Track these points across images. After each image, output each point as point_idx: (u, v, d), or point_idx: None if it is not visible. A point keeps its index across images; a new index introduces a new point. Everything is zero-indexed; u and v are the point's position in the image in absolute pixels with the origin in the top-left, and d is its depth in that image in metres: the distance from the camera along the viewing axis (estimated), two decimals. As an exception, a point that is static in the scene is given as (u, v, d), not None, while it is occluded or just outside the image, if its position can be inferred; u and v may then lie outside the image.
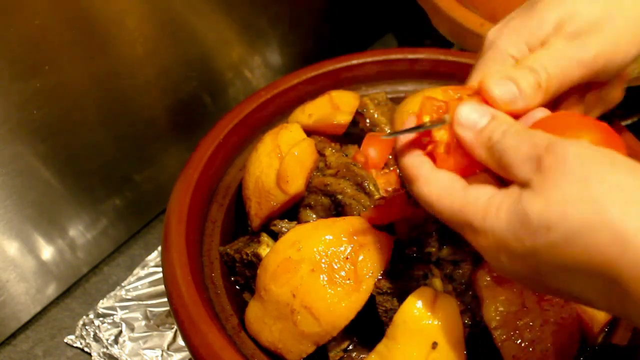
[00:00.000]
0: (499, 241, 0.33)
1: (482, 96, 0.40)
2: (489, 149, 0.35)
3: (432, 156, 0.38)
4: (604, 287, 0.30)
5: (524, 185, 0.33)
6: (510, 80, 0.40)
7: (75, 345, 0.64)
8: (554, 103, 0.45)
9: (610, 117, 0.51)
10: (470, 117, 0.37)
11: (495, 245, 0.33)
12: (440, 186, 0.36)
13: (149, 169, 0.73)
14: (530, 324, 0.43)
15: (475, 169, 0.37)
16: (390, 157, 0.57)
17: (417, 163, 0.38)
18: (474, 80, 0.43)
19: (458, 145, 0.37)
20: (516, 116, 0.39)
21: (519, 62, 0.42)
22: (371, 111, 0.61)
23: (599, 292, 0.31)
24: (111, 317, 0.65)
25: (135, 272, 0.70)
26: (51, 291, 0.68)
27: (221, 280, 0.51)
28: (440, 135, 0.38)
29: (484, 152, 0.36)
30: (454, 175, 0.37)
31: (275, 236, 0.52)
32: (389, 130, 0.61)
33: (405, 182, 0.41)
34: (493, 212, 0.33)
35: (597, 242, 0.29)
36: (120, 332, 0.64)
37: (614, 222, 0.29)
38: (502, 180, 0.35)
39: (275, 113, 0.63)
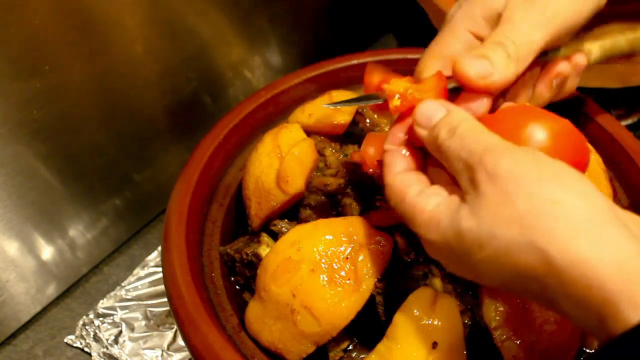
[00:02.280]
0: (441, 251, 0.35)
1: (440, 92, 0.41)
2: (437, 149, 0.36)
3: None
4: (536, 289, 0.31)
5: (463, 194, 0.34)
6: (481, 58, 0.41)
7: (75, 345, 0.64)
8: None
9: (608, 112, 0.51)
10: (425, 113, 0.38)
11: (438, 253, 0.36)
12: (400, 185, 0.38)
13: (149, 169, 0.73)
14: (530, 324, 0.43)
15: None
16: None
17: (393, 160, 0.40)
18: (430, 54, 0.45)
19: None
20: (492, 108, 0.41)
21: (485, 40, 0.43)
22: (371, 111, 0.61)
23: (532, 292, 0.31)
24: (111, 317, 0.65)
25: (135, 272, 0.70)
26: (51, 291, 0.68)
27: (221, 280, 0.51)
28: None
29: (435, 151, 0.37)
30: (418, 177, 0.38)
31: (275, 236, 0.52)
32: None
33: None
34: (434, 226, 0.35)
35: (525, 261, 0.30)
36: (120, 332, 0.64)
37: (538, 243, 0.29)
38: None
39: (275, 113, 0.63)
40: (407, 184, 0.38)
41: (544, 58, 0.46)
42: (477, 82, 0.40)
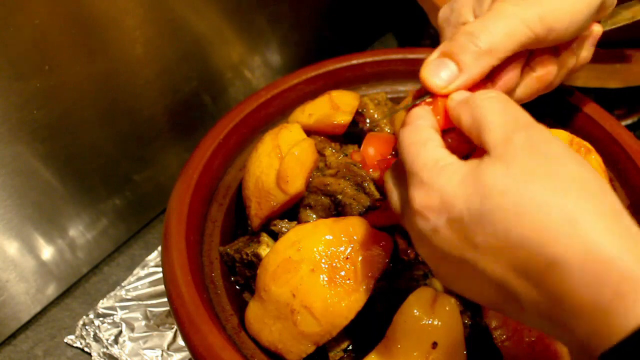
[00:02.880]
0: (445, 201, 0.32)
1: None
2: (471, 109, 0.35)
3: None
4: (534, 273, 0.29)
5: (487, 152, 0.32)
6: (446, 57, 0.40)
7: (75, 345, 0.64)
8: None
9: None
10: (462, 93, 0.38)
11: (438, 204, 0.32)
12: (417, 137, 0.36)
13: (149, 169, 0.73)
14: (530, 324, 0.43)
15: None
16: (390, 156, 0.57)
17: (420, 114, 0.38)
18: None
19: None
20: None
21: (460, 29, 0.42)
22: (371, 111, 0.61)
23: (527, 278, 0.29)
24: (111, 317, 0.65)
25: (135, 272, 0.70)
26: (51, 291, 0.68)
27: (221, 280, 0.51)
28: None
29: (465, 112, 0.35)
30: (436, 135, 0.36)
31: (275, 236, 0.52)
32: (388, 131, 0.61)
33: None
34: (449, 173, 0.32)
35: (548, 221, 0.28)
36: (120, 332, 0.64)
37: (568, 206, 0.28)
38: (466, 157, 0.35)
39: (275, 113, 0.63)
40: (427, 136, 0.36)
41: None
42: (441, 92, 0.39)
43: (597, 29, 0.48)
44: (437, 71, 0.39)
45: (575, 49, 0.48)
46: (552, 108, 0.60)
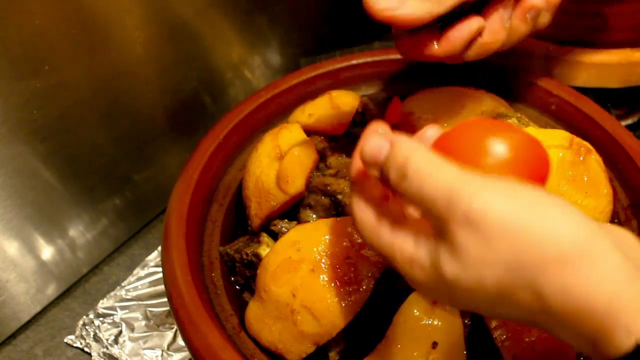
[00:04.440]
0: (427, 290, 0.33)
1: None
2: (397, 187, 0.32)
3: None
4: (531, 321, 0.30)
5: (437, 236, 0.31)
6: None
7: (75, 345, 0.64)
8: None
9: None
10: (370, 151, 0.34)
11: (424, 290, 0.34)
12: (368, 220, 0.35)
13: (149, 169, 0.73)
14: (530, 324, 0.43)
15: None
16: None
17: (359, 188, 0.37)
18: None
19: None
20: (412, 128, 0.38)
21: None
22: (371, 111, 0.61)
23: (529, 322, 0.30)
24: (111, 317, 0.65)
25: (135, 272, 0.70)
26: (51, 291, 0.68)
27: (221, 280, 0.51)
28: None
29: (396, 189, 0.33)
30: (387, 209, 0.35)
31: (275, 236, 0.52)
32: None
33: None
34: (417, 268, 0.32)
35: (517, 299, 0.29)
36: (120, 332, 0.64)
37: (529, 282, 0.28)
38: None
39: (275, 113, 0.63)
40: (378, 219, 0.34)
41: None
42: (381, 14, 0.39)
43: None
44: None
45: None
46: (552, 108, 0.61)
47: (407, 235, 0.33)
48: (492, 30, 0.46)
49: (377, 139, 0.34)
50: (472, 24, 0.43)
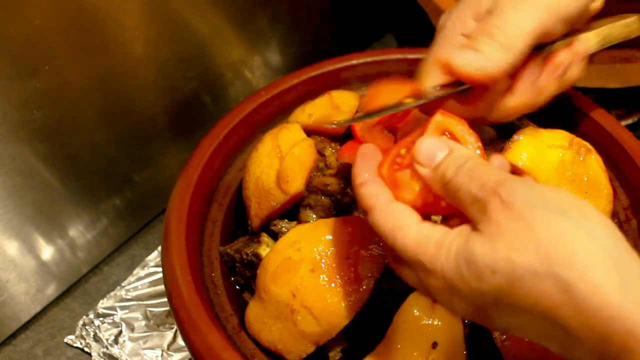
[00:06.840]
0: (449, 282, 0.33)
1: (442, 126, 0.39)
2: (444, 187, 0.35)
3: (394, 182, 0.38)
4: (548, 329, 0.30)
5: (474, 224, 0.32)
6: (469, 49, 0.40)
7: (75, 345, 0.64)
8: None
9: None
10: (427, 152, 0.36)
11: (445, 285, 0.33)
12: (395, 219, 0.36)
13: (149, 169, 0.73)
14: (530, 324, 0.43)
15: (440, 200, 0.37)
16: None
17: (374, 192, 0.38)
18: (428, 64, 0.44)
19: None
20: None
21: (472, 33, 0.42)
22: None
23: (543, 332, 0.30)
24: (111, 317, 0.65)
25: (135, 272, 0.70)
26: (51, 291, 0.68)
27: (221, 280, 0.51)
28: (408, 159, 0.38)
29: (440, 189, 0.35)
30: (409, 209, 0.36)
31: (275, 236, 0.52)
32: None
33: (361, 211, 0.40)
34: (444, 253, 0.33)
35: (541, 289, 0.29)
36: (120, 332, 0.64)
37: (557, 270, 0.28)
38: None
39: (275, 113, 0.63)
40: (403, 217, 0.36)
41: (541, 51, 0.46)
42: (474, 75, 0.40)
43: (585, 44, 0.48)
44: (464, 54, 0.41)
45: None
46: (552, 108, 0.60)
47: (432, 226, 0.35)
48: (522, 93, 0.46)
49: (436, 143, 0.36)
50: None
